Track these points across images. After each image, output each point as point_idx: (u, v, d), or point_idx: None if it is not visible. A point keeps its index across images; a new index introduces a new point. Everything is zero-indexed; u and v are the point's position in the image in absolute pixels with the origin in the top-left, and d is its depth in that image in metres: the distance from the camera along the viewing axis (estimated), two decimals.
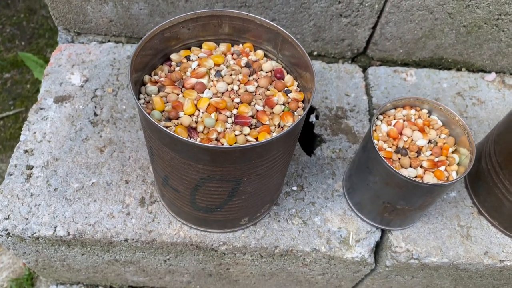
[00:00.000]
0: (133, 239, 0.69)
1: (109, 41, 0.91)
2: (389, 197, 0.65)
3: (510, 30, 0.84)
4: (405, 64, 0.93)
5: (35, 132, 0.77)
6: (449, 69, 0.94)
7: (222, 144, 0.54)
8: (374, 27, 0.86)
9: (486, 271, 0.74)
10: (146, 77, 0.60)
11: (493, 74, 0.93)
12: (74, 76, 0.84)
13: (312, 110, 0.86)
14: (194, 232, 0.70)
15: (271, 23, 0.59)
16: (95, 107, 0.81)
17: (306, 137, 0.84)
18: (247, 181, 0.57)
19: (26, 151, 0.75)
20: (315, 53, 0.92)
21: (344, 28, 0.86)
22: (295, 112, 0.59)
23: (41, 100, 0.81)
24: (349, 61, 0.94)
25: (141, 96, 0.58)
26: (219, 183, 0.56)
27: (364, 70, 0.93)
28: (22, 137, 0.77)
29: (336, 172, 0.79)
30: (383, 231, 0.74)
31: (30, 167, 0.74)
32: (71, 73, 0.85)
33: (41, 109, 0.80)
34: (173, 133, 0.49)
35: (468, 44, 0.88)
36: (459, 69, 0.94)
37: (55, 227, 0.69)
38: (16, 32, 1.63)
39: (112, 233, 0.69)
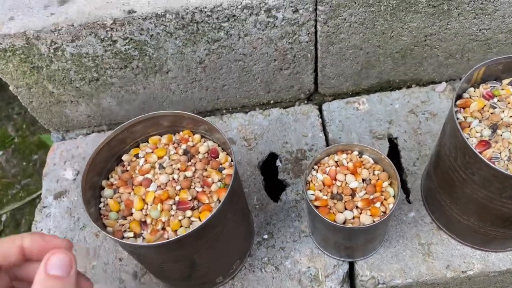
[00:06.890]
0: None
1: (93, 131, 1.04)
2: (336, 239, 0.72)
3: (441, 46, 0.88)
4: (357, 93, 0.99)
5: (41, 230, 0.91)
6: (400, 88, 0.98)
7: (168, 232, 0.64)
8: (315, 71, 0.93)
9: (453, 284, 0.79)
10: (104, 182, 0.71)
11: (443, 84, 0.97)
12: (67, 171, 0.97)
13: (276, 156, 0.94)
14: None
15: (194, 115, 0.69)
16: None
17: (272, 184, 0.92)
18: (200, 256, 0.67)
19: None
20: (271, 101, 1.00)
21: (288, 78, 0.94)
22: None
23: (44, 199, 0.95)
24: (305, 101, 1.01)
25: (102, 199, 0.70)
26: (174, 263, 0.66)
27: (320, 107, 1.00)
28: None
29: (302, 213, 0.86)
30: (350, 262, 0.81)
31: None
32: (64, 169, 0.98)
33: (44, 207, 0.94)
34: (112, 237, 0.60)
35: (408, 65, 0.93)
36: (409, 86, 0.98)
37: None
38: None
39: None
